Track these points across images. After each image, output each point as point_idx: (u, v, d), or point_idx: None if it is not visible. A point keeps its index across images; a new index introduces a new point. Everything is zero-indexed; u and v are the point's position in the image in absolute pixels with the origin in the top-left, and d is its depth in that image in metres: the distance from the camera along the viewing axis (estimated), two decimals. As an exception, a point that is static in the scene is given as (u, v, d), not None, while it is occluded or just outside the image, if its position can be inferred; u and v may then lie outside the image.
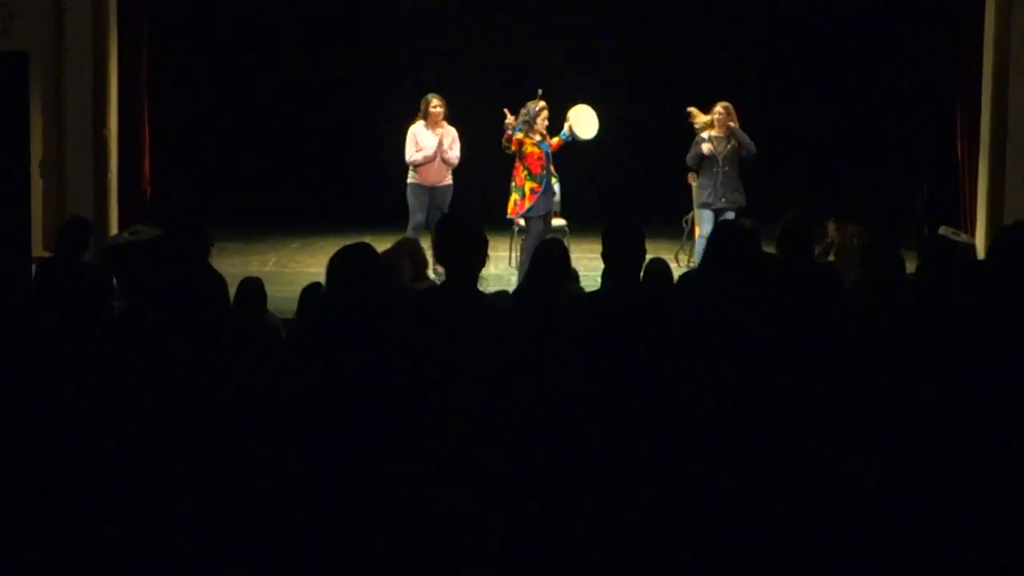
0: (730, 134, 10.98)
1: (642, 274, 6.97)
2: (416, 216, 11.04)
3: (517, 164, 10.81)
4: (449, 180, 11.19)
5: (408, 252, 7.20)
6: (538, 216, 10.81)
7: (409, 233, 10.71)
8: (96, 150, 11.41)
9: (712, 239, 5.70)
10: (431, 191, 11.09)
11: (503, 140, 10.67)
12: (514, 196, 10.82)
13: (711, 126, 11.05)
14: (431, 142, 11.04)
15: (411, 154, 11.04)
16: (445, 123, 11.16)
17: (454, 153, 11.14)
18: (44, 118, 11.32)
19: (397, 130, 11.29)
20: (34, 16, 11.22)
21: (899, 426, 4.74)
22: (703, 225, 11.05)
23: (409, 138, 11.07)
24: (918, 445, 4.70)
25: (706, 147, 10.99)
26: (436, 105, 11.08)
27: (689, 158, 11.14)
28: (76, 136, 11.33)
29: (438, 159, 11.08)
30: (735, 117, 11.05)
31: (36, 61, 11.27)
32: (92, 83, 11.33)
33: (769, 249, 7.22)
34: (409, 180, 11.13)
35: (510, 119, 10.61)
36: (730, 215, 10.77)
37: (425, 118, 11.08)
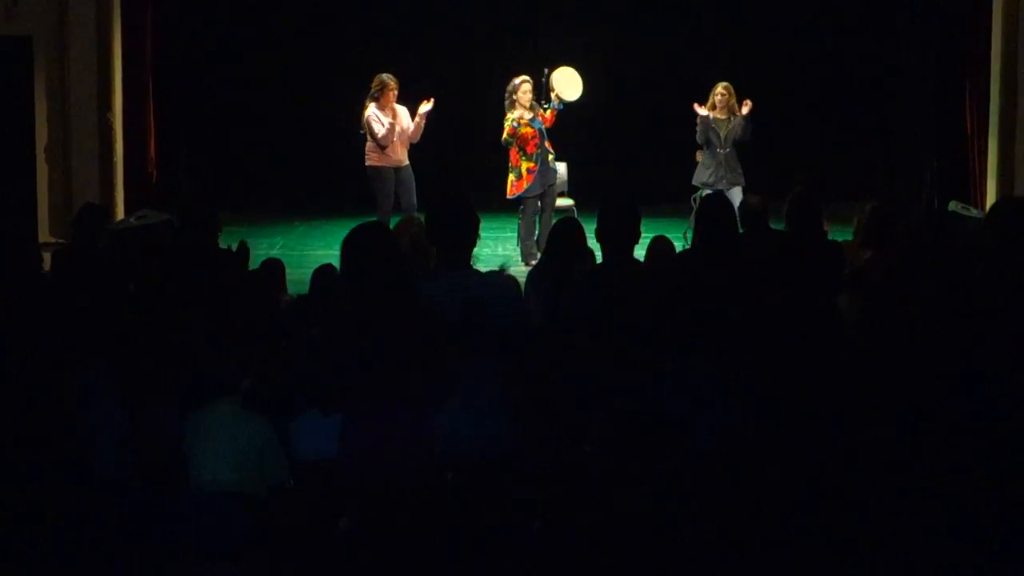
0: (730, 114, 10.99)
1: (645, 252, 7.04)
2: (387, 201, 10.74)
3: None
4: (407, 160, 10.86)
5: (410, 233, 6.99)
6: (534, 195, 10.77)
7: (380, 218, 10.39)
8: (101, 134, 11.39)
9: (697, 216, 5.90)
10: (397, 172, 10.78)
11: (504, 137, 10.62)
12: (511, 177, 10.81)
13: (714, 108, 11.07)
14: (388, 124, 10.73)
15: (381, 131, 10.65)
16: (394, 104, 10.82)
17: (413, 128, 10.81)
18: (48, 103, 11.30)
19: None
20: (38, 0, 11.19)
21: (918, 399, 4.73)
22: None
23: (374, 121, 10.67)
24: (934, 420, 4.68)
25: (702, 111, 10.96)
26: (394, 88, 10.70)
27: (699, 136, 11.15)
28: (81, 120, 11.31)
29: (397, 138, 10.74)
30: (734, 96, 11.04)
31: (40, 45, 11.25)
32: (96, 67, 11.31)
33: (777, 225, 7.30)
34: (374, 164, 10.80)
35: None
36: (735, 191, 10.82)
37: (378, 100, 10.70)
